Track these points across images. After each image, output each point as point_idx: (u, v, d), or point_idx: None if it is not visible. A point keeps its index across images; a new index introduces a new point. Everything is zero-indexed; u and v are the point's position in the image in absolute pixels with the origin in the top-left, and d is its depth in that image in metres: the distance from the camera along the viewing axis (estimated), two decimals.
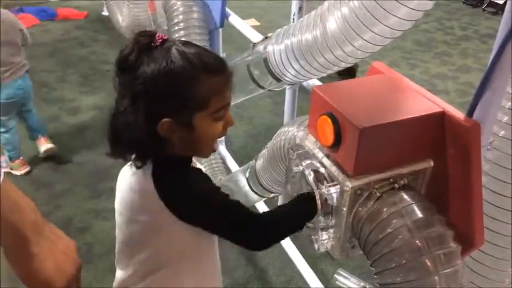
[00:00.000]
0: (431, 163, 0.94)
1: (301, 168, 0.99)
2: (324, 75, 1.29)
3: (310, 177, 0.96)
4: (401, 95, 0.95)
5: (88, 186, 2.65)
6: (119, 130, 0.91)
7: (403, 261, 0.83)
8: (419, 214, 0.86)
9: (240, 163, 2.47)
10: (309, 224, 0.99)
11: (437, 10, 5.62)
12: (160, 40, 0.90)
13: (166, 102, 0.88)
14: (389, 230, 0.86)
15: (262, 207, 2.11)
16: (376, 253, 0.87)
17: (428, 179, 0.96)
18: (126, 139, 0.91)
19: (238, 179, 1.88)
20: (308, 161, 0.98)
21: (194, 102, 0.88)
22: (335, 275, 1.57)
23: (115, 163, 0.98)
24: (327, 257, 2.08)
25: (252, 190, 1.70)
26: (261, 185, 1.58)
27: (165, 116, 0.88)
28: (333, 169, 0.92)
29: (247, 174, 1.70)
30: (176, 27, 1.98)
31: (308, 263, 1.90)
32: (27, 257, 0.73)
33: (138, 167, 0.95)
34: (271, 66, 1.36)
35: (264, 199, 1.85)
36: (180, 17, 1.97)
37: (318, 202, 0.94)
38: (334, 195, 0.92)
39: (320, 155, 0.97)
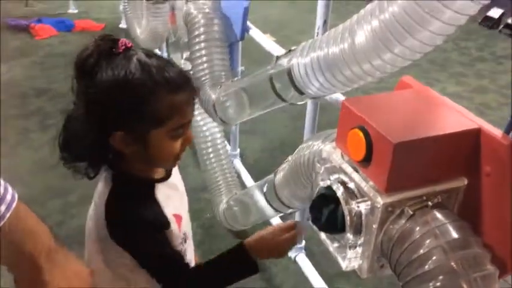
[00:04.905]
0: (465, 181, 0.91)
1: (328, 183, 0.96)
2: (349, 89, 1.27)
3: (339, 192, 0.93)
4: (435, 110, 0.93)
5: None
6: (71, 135, 0.88)
7: (438, 284, 0.79)
8: (455, 234, 0.82)
9: (255, 178, 2.45)
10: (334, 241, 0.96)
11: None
12: (123, 47, 0.85)
13: (120, 115, 0.84)
14: (422, 251, 0.82)
15: (277, 221, 2.07)
16: (408, 274, 0.84)
17: (461, 198, 0.93)
18: (77, 146, 0.87)
19: (254, 193, 1.85)
20: (336, 176, 0.95)
21: (150, 119, 0.84)
22: None
23: None
24: (343, 275, 2.03)
25: (270, 205, 1.67)
26: (280, 200, 1.54)
27: (118, 129, 0.84)
28: (363, 184, 0.89)
29: (264, 189, 1.67)
30: (197, 39, 1.98)
31: (324, 281, 1.85)
32: (38, 285, 0.71)
33: (90, 178, 0.93)
34: (294, 79, 1.34)
35: (280, 214, 1.82)
36: (201, 29, 1.97)
37: (347, 218, 0.91)
38: (364, 212, 0.89)
39: (349, 169, 0.94)
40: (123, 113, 0.84)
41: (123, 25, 4.67)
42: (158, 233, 0.92)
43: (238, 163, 2.63)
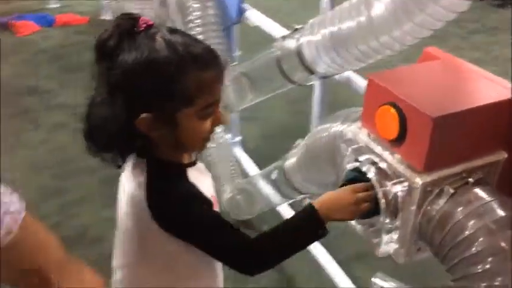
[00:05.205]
0: (505, 155, 0.85)
1: (357, 165, 0.90)
2: (363, 65, 1.21)
3: (371, 173, 0.87)
4: (468, 80, 0.87)
5: (101, 194, 2.56)
6: (95, 123, 0.82)
7: (487, 266, 0.74)
8: (500, 212, 0.77)
9: (257, 165, 2.38)
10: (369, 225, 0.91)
11: None
12: (144, 25, 0.80)
13: (147, 96, 0.79)
14: (467, 233, 0.77)
15: (285, 210, 2.02)
16: (453, 258, 0.78)
17: (499, 172, 0.87)
18: (102, 134, 0.82)
19: (258, 181, 1.80)
20: (365, 157, 0.89)
21: (179, 98, 0.79)
22: (372, 279, 1.48)
23: None
24: (359, 259, 1.98)
25: (280, 192, 1.61)
26: (292, 186, 1.49)
27: (145, 111, 0.79)
28: (398, 165, 0.84)
29: (274, 176, 1.61)
30: (191, 24, 1.89)
31: (340, 266, 1.80)
32: None
33: (118, 167, 0.87)
34: (305, 59, 1.27)
35: (288, 201, 1.76)
36: (196, 13, 1.89)
37: (382, 201, 0.85)
38: (401, 194, 0.83)
39: (379, 149, 0.88)
40: (150, 93, 0.79)
41: (104, 16, 4.54)
42: (211, 208, 0.87)
43: (239, 151, 2.56)
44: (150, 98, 0.79)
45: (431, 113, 0.76)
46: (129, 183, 0.87)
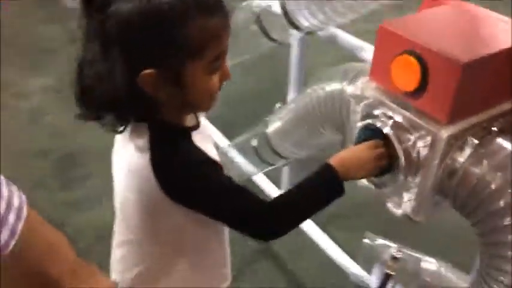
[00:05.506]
0: None
1: (369, 122, 0.84)
2: (352, 17, 1.15)
3: (387, 129, 0.81)
4: (484, 23, 0.82)
5: (56, 176, 2.38)
6: (88, 84, 0.72)
7: None
8: None
9: (223, 132, 2.28)
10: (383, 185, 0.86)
11: None
12: None
13: (149, 48, 0.70)
14: (493, 186, 0.74)
15: (261, 180, 1.95)
16: (479, 212, 0.75)
17: None
18: (98, 96, 0.72)
19: (229, 150, 1.72)
20: (378, 112, 0.84)
21: (185, 49, 0.70)
22: (363, 240, 1.47)
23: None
24: (334, 222, 1.97)
25: (262, 160, 1.54)
26: (277, 152, 1.42)
27: (148, 66, 0.70)
28: (418, 117, 0.78)
29: (254, 143, 1.54)
30: None
31: (319, 227, 1.78)
32: None
33: (118, 132, 0.78)
34: (288, 12, 1.19)
35: (264, 170, 1.70)
36: None
37: (402, 159, 0.80)
38: (423, 148, 0.78)
39: (394, 103, 0.82)
40: (152, 45, 0.69)
41: None
42: (222, 170, 0.79)
43: (202, 120, 2.46)
44: (152, 52, 0.69)
45: (458, 58, 0.70)
46: (128, 153, 0.77)
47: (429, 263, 1.29)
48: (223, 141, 2.06)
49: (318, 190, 0.81)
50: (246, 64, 3.28)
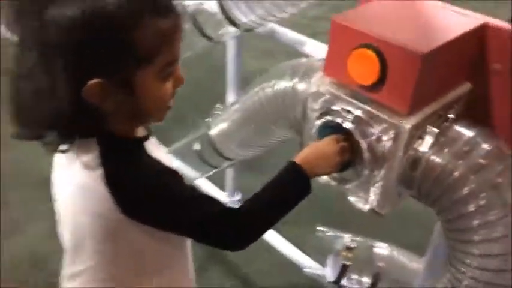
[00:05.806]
0: (469, 85, 0.84)
1: (329, 119, 0.82)
2: (292, 11, 1.13)
3: (347, 124, 0.79)
4: (432, 13, 0.83)
5: None
6: (26, 101, 0.65)
7: (481, 203, 0.73)
8: (486, 146, 0.75)
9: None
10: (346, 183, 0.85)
11: None
12: None
13: (95, 55, 0.62)
14: (457, 174, 0.75)
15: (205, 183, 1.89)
16: (444, 201, 0.76)
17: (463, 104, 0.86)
18: (38, 113, 0.65)
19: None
20: (337, 107, 0.82)
21: (136, 54, 0.64)
22: (316, 233, 1.47)
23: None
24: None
25: (206, 163, 1.49)
26: (222, 154, 1.37)
27: (94, 76, 0.63)
28: (378, 110, 0.77)
29: (196, 147, 1.48)
30: None
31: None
32: None
33: (63, 151, 0.71)
34: (224, 7, 1.14)
35: (208, 174, 1.64)
36: None
37: (366, 154, 0.79)
38: (386, 141, 0.78)
39: (352, 97, 0.81)
40: (99, 51, 0.61)
41: None
42: (182, 179, 0.73)
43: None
44: (98, 59, 0.62)
45: (417, 50, 0.70)
46: (73, 173, 0.69)
47: (381, 248, 1.31)
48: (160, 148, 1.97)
49: (286, 191, 0.78)
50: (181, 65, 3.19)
